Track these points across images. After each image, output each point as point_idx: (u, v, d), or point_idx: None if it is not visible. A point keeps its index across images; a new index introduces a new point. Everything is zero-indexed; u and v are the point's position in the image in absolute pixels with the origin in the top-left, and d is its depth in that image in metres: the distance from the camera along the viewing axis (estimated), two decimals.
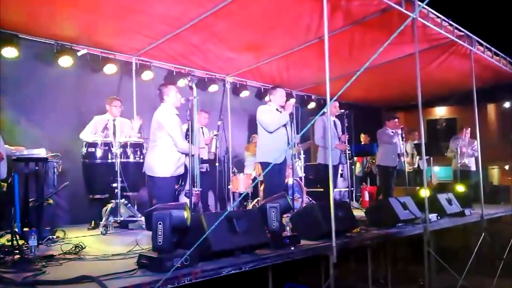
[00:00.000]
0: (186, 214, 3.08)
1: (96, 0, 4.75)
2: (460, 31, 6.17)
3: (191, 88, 4.51)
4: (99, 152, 5.13)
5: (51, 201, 4.69)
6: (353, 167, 9.10)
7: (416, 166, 8.95)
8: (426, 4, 5.29)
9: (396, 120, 7.75)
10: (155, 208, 3.27)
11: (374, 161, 9.12)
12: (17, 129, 5.46)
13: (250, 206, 6.65)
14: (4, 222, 4.09)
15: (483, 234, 5.84)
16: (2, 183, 4.28)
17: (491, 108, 10.46)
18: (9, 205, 4.12)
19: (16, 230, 3.86)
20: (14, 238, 3.48)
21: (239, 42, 6.26)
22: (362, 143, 9.27)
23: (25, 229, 4.05)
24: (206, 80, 7.67)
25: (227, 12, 5.13)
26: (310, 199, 7.13)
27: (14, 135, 5.26)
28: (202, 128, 6.83)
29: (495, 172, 9.56)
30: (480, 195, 6.27)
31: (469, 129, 8.33)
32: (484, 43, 6.77)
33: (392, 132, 7.59)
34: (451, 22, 5.90)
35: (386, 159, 7.56)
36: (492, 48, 7.07)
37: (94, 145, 5.16)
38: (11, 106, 5.40)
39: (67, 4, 4.78)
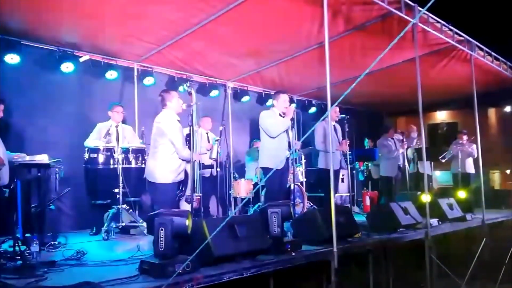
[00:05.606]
0: (188, 222, 3.09)
1: (98, 7, 4.78)
2: (460, 36, 6.19)
3: (190, 94, 4.53)
4: (101, 158, 5.15)
5: (53, 206, 4.70)
6: (354, 172, 9.10)
7: (415, 170, 8.94)
8: (426, 10, 5.31)
9: (393, 129, 7.83)
10: (158, 213, 3.28)
11: (368, 165, 9.12)
12: (19, 135, 5.50)
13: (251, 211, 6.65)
14: (6, 228, 4.10)
15: (484, 239, 5.83)
16: (4, 189, 4.30)
17: (492, 112, 10.46)
18: (11, 211, 4.14)
19: (18, 236, 3.86)
20: (16, 244, 3.48)
21: (240, 48, 6.29)
22: (367, 147, 9.28)
23: (27, 235, 4.06)
24: (207, 85, 7.69)
25: (228, 18, 5.15)
26: (311, 204, 7.12)
27: (16, 141, 5.29)
28: (207, 133, 6.87)
29: (496, 177, 9.55)
30: (481, 199, 6.26)
31: (465, 133, 8.40)
32: (485, 48, 6.79)
33: (392, 139, 7.61)
34: (451, 27, 5.92)
35: (388, 170, 7.55)
36: (492, 53, 7.09)
37: (96, 150, 5.17)
38: (13, 112, 5.41)
39: (69, 11, 4.81)
